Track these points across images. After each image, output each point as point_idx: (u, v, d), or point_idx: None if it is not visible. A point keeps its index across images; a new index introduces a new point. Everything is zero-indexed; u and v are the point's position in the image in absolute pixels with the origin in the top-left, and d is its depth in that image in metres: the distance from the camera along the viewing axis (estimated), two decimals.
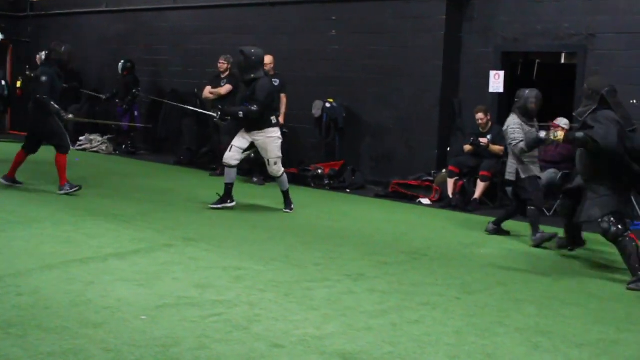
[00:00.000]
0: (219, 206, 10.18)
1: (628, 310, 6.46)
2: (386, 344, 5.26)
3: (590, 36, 11.52)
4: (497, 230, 9.63)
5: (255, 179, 12.96)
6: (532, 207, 9.22)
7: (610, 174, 7.50)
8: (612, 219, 7.35)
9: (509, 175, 9.37)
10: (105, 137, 17.12)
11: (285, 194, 10.40)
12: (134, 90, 16.46)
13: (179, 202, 10.51)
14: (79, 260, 7.05)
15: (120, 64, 16.73)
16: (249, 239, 8.54)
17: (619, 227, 7.34)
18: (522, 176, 9.20)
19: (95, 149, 16.89)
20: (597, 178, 7.56)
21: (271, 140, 10.15)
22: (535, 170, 9.32)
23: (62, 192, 10.56)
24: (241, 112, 10.06)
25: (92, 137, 17.23)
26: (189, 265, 7.14)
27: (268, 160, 10.26)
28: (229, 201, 10.24)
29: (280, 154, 10.28)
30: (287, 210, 10.35)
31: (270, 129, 10.15)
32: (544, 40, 12.07)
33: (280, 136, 10.37)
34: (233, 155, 10.16)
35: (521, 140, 8.95)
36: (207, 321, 5.45)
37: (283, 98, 13.16)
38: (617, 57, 11.28)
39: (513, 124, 9.13)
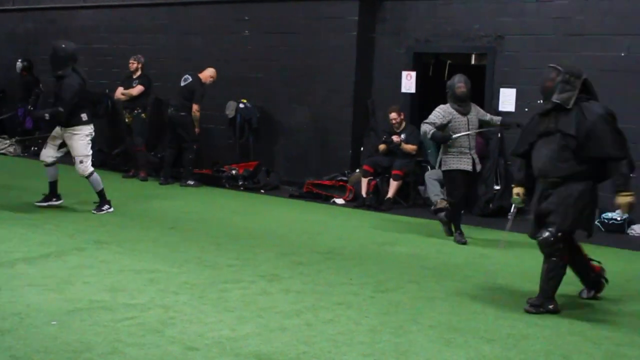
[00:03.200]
0: (44, 204, 10.13)
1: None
2: (301, 343, 5.28)
3: (499, 38, 11.77)
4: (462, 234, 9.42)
5: (190, 182, 12.93)
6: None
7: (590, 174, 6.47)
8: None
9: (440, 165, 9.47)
10: (13, 139, 16.71)
11: (100, 194, 10.11)
12: (36, 90, 16.15)
13: (90, 204, 10.32)
14: None
15: (17, 63, 16.40)
16: (162, 240, 8.46)
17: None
18: (442, 169, 9.37)
19: (2, 152, 16.48)
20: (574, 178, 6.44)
21: (77, 137, 9.84)
22: (459, 163, 9.19)
23: None
24: (47, 115, 9.91)
25: None
26: (101, 269, 7.03)
27: (74, 158, 10.00)
28: (54, 199, 10.22)
29: (87, 153, 9.93)
30: (95, 212, 10.00)
31: (79, 127, 9.84)
32: (455, 42, 12.28)
33: (91, 133, 10.02)
34: (47, 152, 10.06)
35: (433, 123, 9.12)
36: (120, 325, 5.38)
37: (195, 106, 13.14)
38: (524, 59, 11.55)
39: (438, 108, 9.30)
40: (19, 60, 16.40)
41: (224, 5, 14.44)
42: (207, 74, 13.19)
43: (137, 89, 13.39)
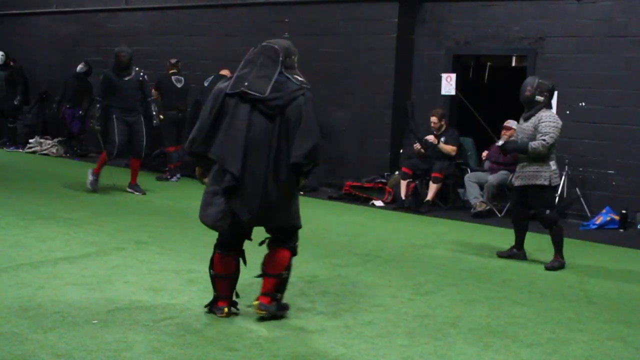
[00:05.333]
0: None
1: (577, 309, 6.55)
2: (339, 345, 5.27)
3: (539, 39, 11.68)
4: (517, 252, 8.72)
5: None
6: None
7: None
8: None
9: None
10: (55, 140, 16.92)
11: None
12: (90, 97, 16.34)
13: (131, 204, 10.41)
14: (29, 264, 6.96)
15: (80, 66, 16.46)
16: (201, 241, 8.48)
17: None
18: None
19: (45, 152, 16.69)
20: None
21: None
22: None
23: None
24: None
25: (42, 140, 17.03)
26: (141, 269, 7.08)
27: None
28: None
29: None
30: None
31: None
32: (495, 44, 12.20)
33: None
34: None
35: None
36: (160, 325, 5.41)
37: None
38: (565, 60, 11.45)
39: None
40: (82, 63, 16.49)
41: (264, 7, 14.51)
42: (226, 72, 13.25)
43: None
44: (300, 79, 5.75)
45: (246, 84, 5.58)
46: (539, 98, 8.23)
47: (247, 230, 5.83)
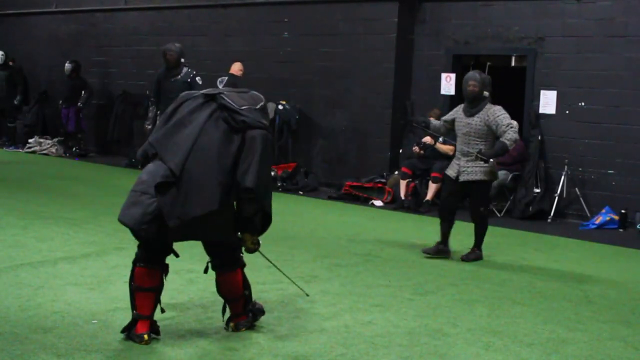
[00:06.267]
0: None
1: (577, 309, 6.55)
2: (339, 345, 5.27)
3: (539, 39, 11.68)
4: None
5: None
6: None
7: None
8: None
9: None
10: (55, 140, 16.93)
11: None
12: (85, 93, 16.36)
13: None
14: (29, 264, 6.96)
15: (66, 65, 16.51)
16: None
17: None
18: None
19: (44, 152, 16.70)
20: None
21: None
22: (448, 168, 8.49)
23: None
24: None
25: (41, 139, 17.04)
26: None
27: None
28: None
29: None
30: None
31: None
32: (495, 43, 12.20)
33: None
34: None
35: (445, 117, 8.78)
36: (160, 324, 5.40)
37: None
38: (565, 60, 11.45)
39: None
40: (68, 61, 16.53)
41: (263, 7, 14.51)
42: (237, 68, 13.23)
43: None
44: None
45: (223, 95, 5.20)
46: (486, 93, 8.19)
47: (171, 242, 5.22)
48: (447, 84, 12.51)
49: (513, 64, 13.52)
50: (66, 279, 6.57)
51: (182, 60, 10.63)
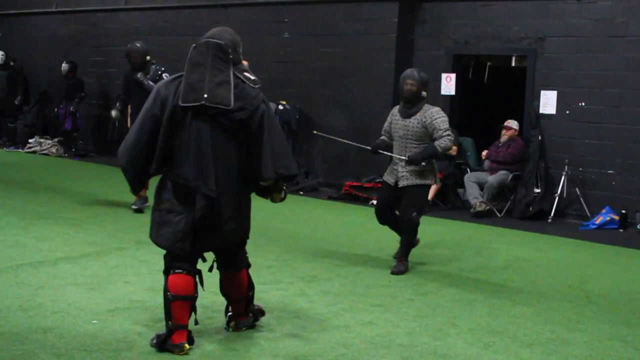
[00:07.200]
0: None
1: (577, 309, 6.55)
2: (339, 345, 5.27)
3: (539, 39, 11.68)
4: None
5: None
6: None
7: None
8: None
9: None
10: (55, 140, 16.94)
11: None
12: (81, 93, 16.38)
13: (130, 204, 10.39)
14: (29, 264, 6.96)
15: (63, 65, 16.53)
16: None
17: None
18: None
19: (45, 152, 16.70)
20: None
21: None
22: (386, 174, 8.05)
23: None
24: None
25: (41, 139, 17.04)
26: (141, 269, 7.08)
27: None
28: None
29: None
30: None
31: None
32: (495, 43, 12.20)
33: None
34: None
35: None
36: (160, 325, 5.40)
37: None
38: (565, 60, 11.45)
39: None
40: (64, 62, 16.55)
41: (263, 7, 14.51)
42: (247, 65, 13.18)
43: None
44: (252, 78, 5.14)
45: (205, 95, 4.88)
46: (424, 93, 7.72)
47: (202, 252, 5.23)
48: (447, 84, 12.51)
49: (513, 64, 13.51)
50: (66, 279, 6.57)
51: (148, 58, 10.39)
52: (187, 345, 4.97)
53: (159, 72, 10.32)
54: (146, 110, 5.03)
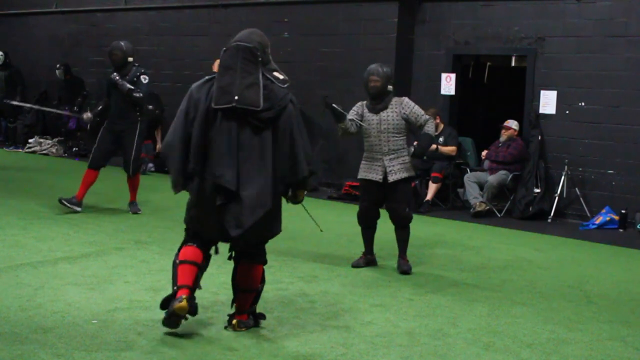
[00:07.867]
0: None
1: (577, 309, 6.55)
2: (339, 345, 5.27)
3: (539, 39, 11.68)
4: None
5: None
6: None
7: None
8: None
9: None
10: (55, 140, 16.94)
11: None
12: (83, 92, 16.38)
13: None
14: (29, 264, 6.96)
15: (56, 71, 16.55)
16: None
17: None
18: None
19: (45, 152, 16.70)
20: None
21: None
22: (367, 172, 8.07)
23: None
24: None
25: (41, 139, 17.04)
26: (141, 269, 7.09)
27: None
28: None
29: None
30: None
31: None
32: (495, 43, 12.20)
33: None
34: None
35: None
36: (160, 325, 5.41)
37: None
38: (565, 60, 11.45)
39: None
40: (57, 67, 16.56)
41: (263, 7, 14.51)
42: None
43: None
44: (281, 77, 5.47)
45: (236, 97, 5.15)
46: (390, 87, 7.74)
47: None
48: (447, 84, 12.51)
49: (513, 64, 13.53)
50: (66, 279, 6.57)
51: (131, 59, 10.18)
52: (185, 299, 5.12)
53: (138, 74, 10.15)
54: (180, 111, 5.31)
